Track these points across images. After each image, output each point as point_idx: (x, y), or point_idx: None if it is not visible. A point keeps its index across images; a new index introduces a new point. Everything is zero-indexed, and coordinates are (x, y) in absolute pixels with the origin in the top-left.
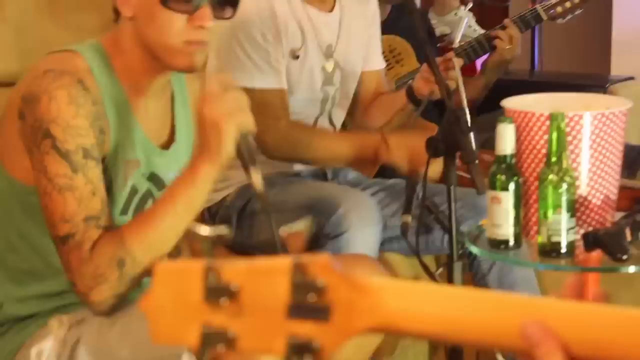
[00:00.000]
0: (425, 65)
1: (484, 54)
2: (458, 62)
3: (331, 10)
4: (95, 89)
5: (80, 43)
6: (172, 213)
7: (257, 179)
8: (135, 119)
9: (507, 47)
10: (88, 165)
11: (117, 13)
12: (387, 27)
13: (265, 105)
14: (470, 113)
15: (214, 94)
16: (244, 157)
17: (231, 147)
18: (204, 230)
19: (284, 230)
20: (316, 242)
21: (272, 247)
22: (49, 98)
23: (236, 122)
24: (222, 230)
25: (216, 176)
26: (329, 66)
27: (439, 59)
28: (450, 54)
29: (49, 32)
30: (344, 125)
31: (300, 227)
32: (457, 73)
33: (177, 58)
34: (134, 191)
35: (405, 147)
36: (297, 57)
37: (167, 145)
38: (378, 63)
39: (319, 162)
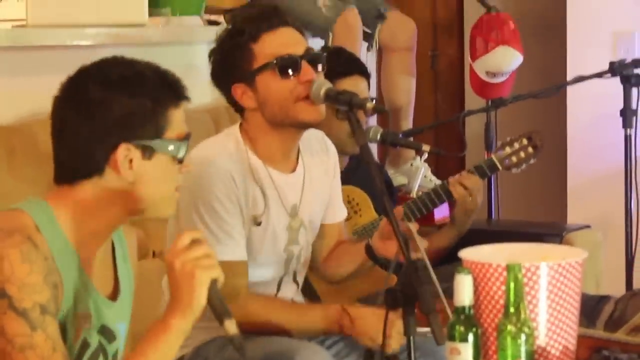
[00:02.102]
0: (383, 222)
1: (442, 203)
2: (414, 227)
3: (294, 170)
4: (44, 245)
5: (25, 201)
6: None
7: (232, 328)
8: (84, 272)
9: (469, 197)
10: (46, 321)
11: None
12: (346, 177)
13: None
14: (432, 263)
15: (184, 247)
16: (216, 307)
17: (204, 298)
18: None
19: None
20: None
21: None
22: (1, 258)
23: (207, 271)
24: None
25: (188, 330)
26: (295, 224)
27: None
28: (400, 210)
29: (7, 185)
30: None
31: None
32: (415, 236)
33: (166, 207)
34: (85, 345)
35: (367, 321)
36: (260, 223)
37: (113, 296)
38: (340, 215)
39: (280, 335)
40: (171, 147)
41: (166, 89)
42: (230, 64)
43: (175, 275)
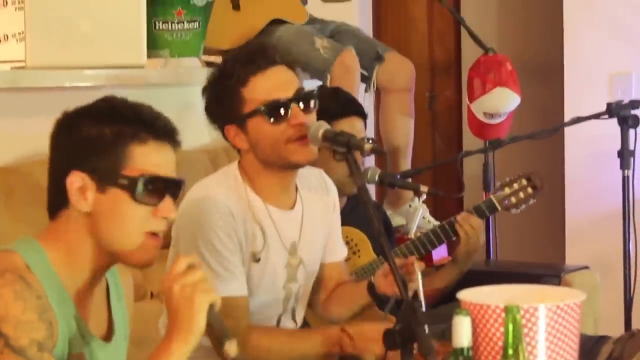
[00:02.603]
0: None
1: (440, 244)
2: (419, 266)
3: (292, 207)
4: (37, 283)
5: (15, 242)
6: None
7: (233, 349)
8: (77, 311)
9: (474, 237)
10: (44, 358)
11: (54, 210)
12: (344, 218)
13: (223, 312)
14: (435, 302)
15: (181, 272)
16: (216, 330)
17: (203, 321)
18: None
19: None
20: None
21: None
22: None
23: (206, 295)
24: None
25: (188, 354)
26: (294, 261)
27: (400, 261)
28: (412, 259)
29: (5, 226)
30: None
31: None
32: (418, 276)
33: (135, 253)
34: None
35: (367, 337)
36: (259, 260)
37: (107, 337)
38: (340, 253)
39: None
40: (126, 183)
41: (134, 123)
42: (222, 107)
43: (173, 300)
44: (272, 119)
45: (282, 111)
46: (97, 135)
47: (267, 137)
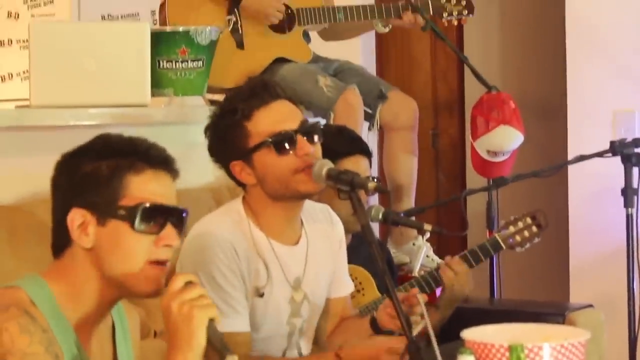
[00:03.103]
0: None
1: (438, 287)
2: (423, 298)
3: (297, 242)
4: (42, 318)
5: (20, 278)
6: None
7: None
8: (82, 348)
9: (458, 284)
10: None
11: (59, 249)
12: (348, 256)
13: None
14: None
15: (179, 289)
16: (216, 346)
17: (203, 338)
18: None
19: None
20: None
21: None
22: (0, 332)
23: (205, 311)
24: None
25: None
26: (298, 296)
27: (402, 295)
28: (415, 290)
29: (9, 265)
30: None
31: None
32: (422, 308)
33: (140, 283)
34: None
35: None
36: (262, 295)
37: None
38: (345, 289)
39: None
40: (125, 214)
41: (128, 154)
42: (226, 143)
43: (172, 318)
44: (278, 151)
45: (288, 142)
46: (94, 171)
47: (275, 169)
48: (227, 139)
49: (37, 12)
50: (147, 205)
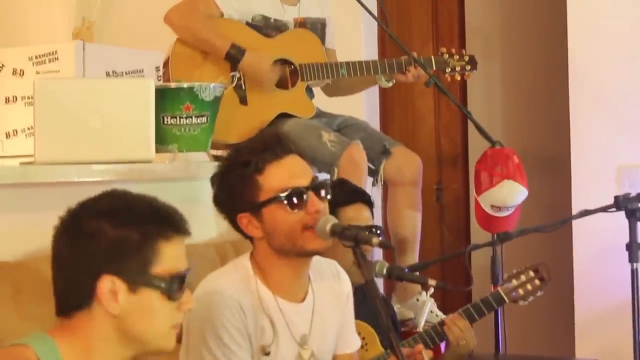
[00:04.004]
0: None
1: (441, 341)
2: (428, 355)
3: (303, 300)
4: None
5: (28, 336)
6: None
7: None
8: None
9: (462, 340)
10: None
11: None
12: None
13: None
14: None
15: None
16: None
17: None
18: None
19: None
20: None
21: None
22: None
23: None
24: None
25: None
26: (305, 354)
27: (407, 350)
28: (420, 347)
29: (13, 322)
30: None
31: None
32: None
33: (161, 345)
34: None
35: None
36: (268, 353)
37: None
38: (352, 345)
39: None
40: (158, 283)
41: (157, 221)
42: (235, 195)
43: None
44: (290, 207)
45: (300, 199)
46: (124, 238)
47: (284, 225)
48: (236, 191)
49: (42, 69)
50: (178, 273)
